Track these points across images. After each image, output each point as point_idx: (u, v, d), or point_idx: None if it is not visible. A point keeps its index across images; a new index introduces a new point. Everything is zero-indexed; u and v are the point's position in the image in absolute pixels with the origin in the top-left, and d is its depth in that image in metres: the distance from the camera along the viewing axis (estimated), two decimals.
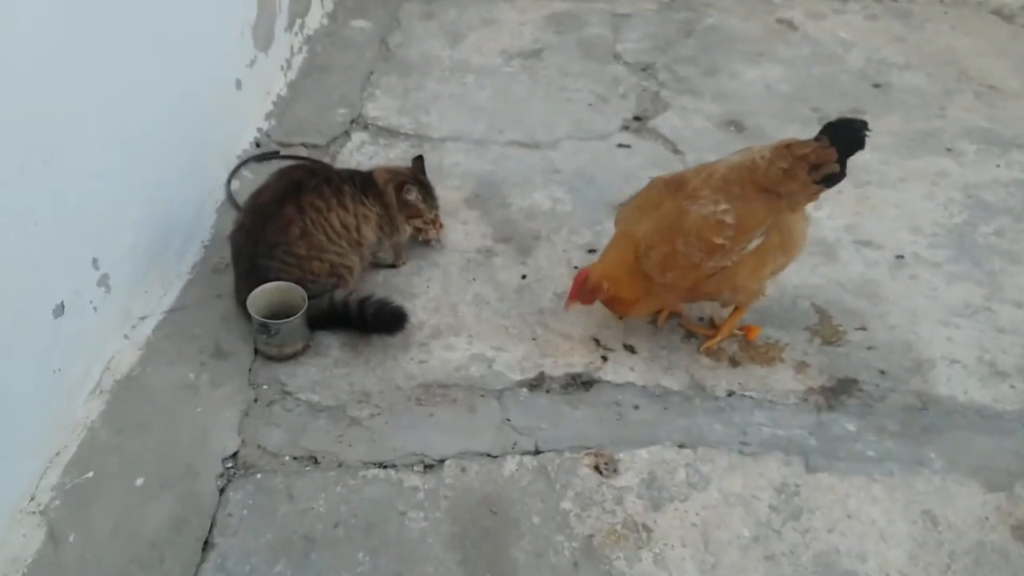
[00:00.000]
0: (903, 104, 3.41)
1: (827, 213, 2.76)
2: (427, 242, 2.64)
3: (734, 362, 2.27)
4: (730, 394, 2.18)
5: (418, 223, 2.56)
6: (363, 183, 2.45)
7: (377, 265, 2.56)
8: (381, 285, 2.50)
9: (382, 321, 2.29)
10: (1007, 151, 3.13)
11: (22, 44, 1.76)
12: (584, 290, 2.17)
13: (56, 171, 1.91)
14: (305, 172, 2.40)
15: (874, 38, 3.90)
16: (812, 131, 2.50)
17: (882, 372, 2.24)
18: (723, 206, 2.03)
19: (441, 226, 2.64)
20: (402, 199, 2.48)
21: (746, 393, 2.18)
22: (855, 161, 2.00)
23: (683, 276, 2.09)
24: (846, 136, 2.01)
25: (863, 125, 2.00)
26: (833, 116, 3.21)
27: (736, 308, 2.29)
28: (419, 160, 2.63)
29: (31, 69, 1.80)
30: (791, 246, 2.14)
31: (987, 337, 2.35)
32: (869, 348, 2.31)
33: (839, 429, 2.09)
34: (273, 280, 2.26)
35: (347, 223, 2.36)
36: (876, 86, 3.54)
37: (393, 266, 2.57)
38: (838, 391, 2.19)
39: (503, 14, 4.13)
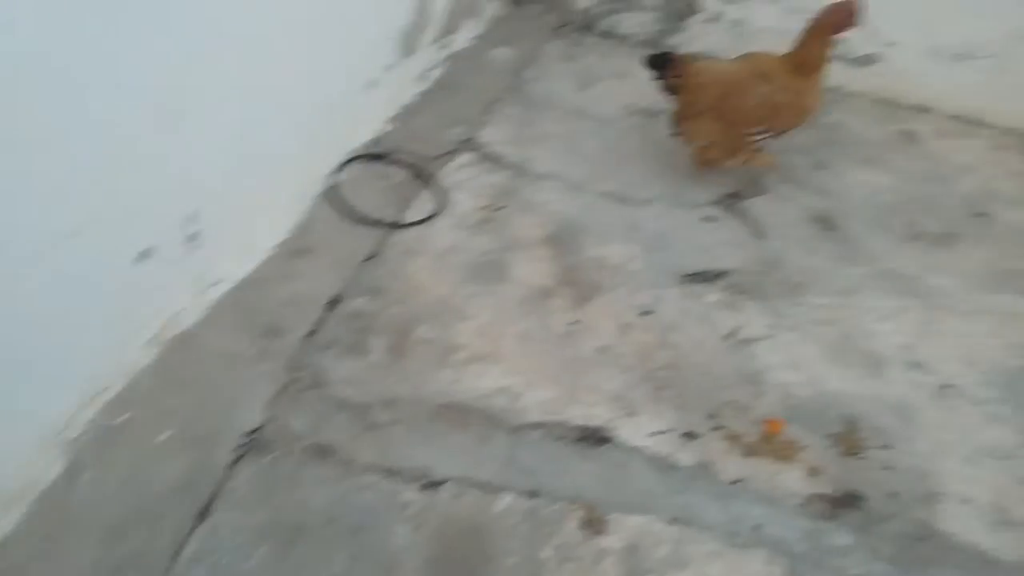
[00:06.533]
0: (1000, 239, 3.33)
1: (890, 327, 2.74)
2: None
3: (750, 450, 2.29)
4: (735, 482, 2.20)
5: None
6: None
7: None
8: (444, 299, 2.61)
9: None
10: None
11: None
12: None
13: (177, 132, 2.07)
14: None
15: (994, 168, 3.82)
16: (904, 246, 2.73)
17: (891, 495, 2.22)
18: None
19: None
20: None
21: (752, 484, 2.20)
22: (931, 285, 2.01)
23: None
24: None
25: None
26: (927, 234, 3.25)
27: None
28: None
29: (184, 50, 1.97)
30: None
31: (1007, 484, 2.29)
32: (886, 468, 2.29)
33: (832, 540, 2.09)
34: None
35: None
36: (979, 215, 3.47)
37: None
38: (842, 503, 2.18)
39: (638, 70, 4.19)
